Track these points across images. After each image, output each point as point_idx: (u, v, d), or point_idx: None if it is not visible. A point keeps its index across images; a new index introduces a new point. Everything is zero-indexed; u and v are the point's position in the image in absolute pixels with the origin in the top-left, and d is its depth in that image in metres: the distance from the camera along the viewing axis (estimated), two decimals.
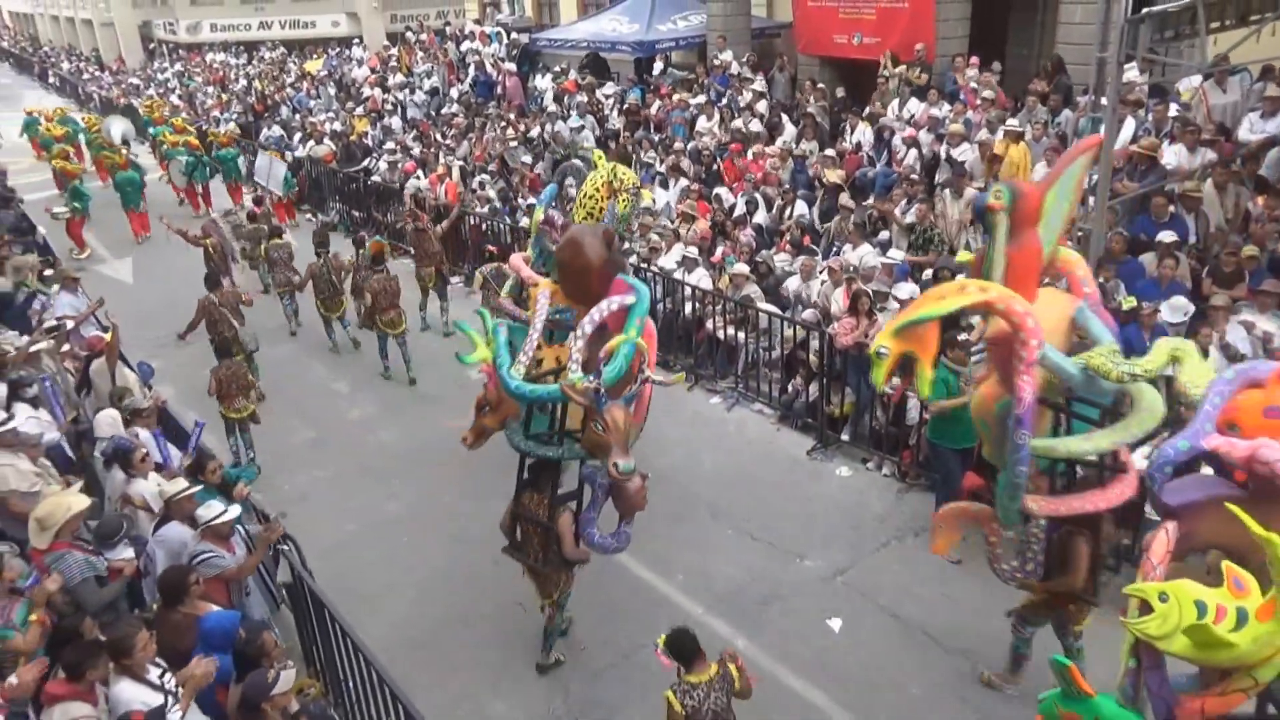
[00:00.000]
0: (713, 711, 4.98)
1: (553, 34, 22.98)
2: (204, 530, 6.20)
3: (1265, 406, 4.37)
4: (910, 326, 5.23)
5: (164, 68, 39.20)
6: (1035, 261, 5.82)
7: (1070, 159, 6.33)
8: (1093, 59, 9.19)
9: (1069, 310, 5.84)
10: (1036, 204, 5.78)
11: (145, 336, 13.09)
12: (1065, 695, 4.17)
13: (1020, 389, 5.09)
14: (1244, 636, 3.64)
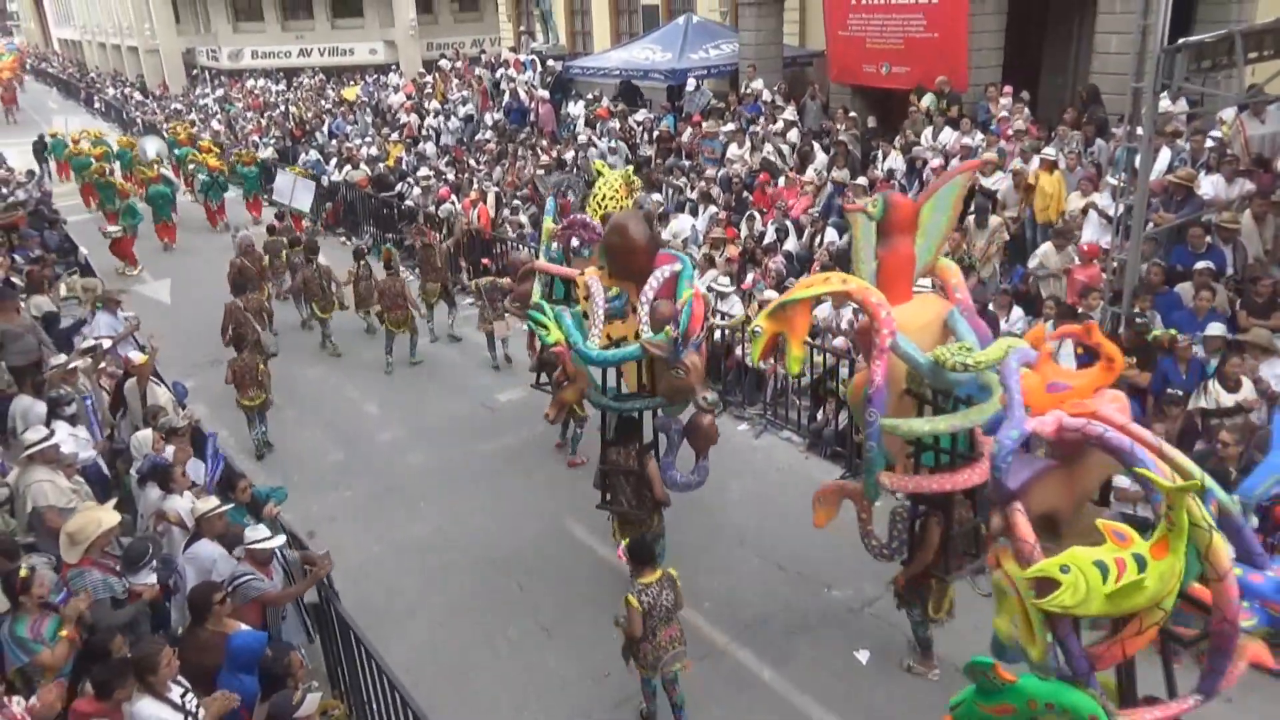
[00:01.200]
0: (664, 607, 6.11)
1: (586, 62, 23.22)
2: (246, 554, 6.25)
3: (1045, 384, 4.89)
4: (782, 309, 5.88)
5: (205, 93, 40.05)
6: (906, 265, 6.41)
7: (949, 176, 7.01)
8: (1128, 89, 9.13)
9: (942, 313, 6.35)
10: (909, 214, 6.35)
11: (182, 356, 13.29)
12: (984, 692, 4.31)
13: (871, 372, 5.67)
14: (1151, 577, 3.93)
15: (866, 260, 6.47)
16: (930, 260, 6.69)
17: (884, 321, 5.64)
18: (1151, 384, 8.31)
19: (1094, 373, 4.99)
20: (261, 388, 10.74)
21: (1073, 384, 4.96)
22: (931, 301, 6.62)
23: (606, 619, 7.58)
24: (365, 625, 6.13)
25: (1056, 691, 4.28)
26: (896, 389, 6.14)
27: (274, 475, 9.88)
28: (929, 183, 12.73)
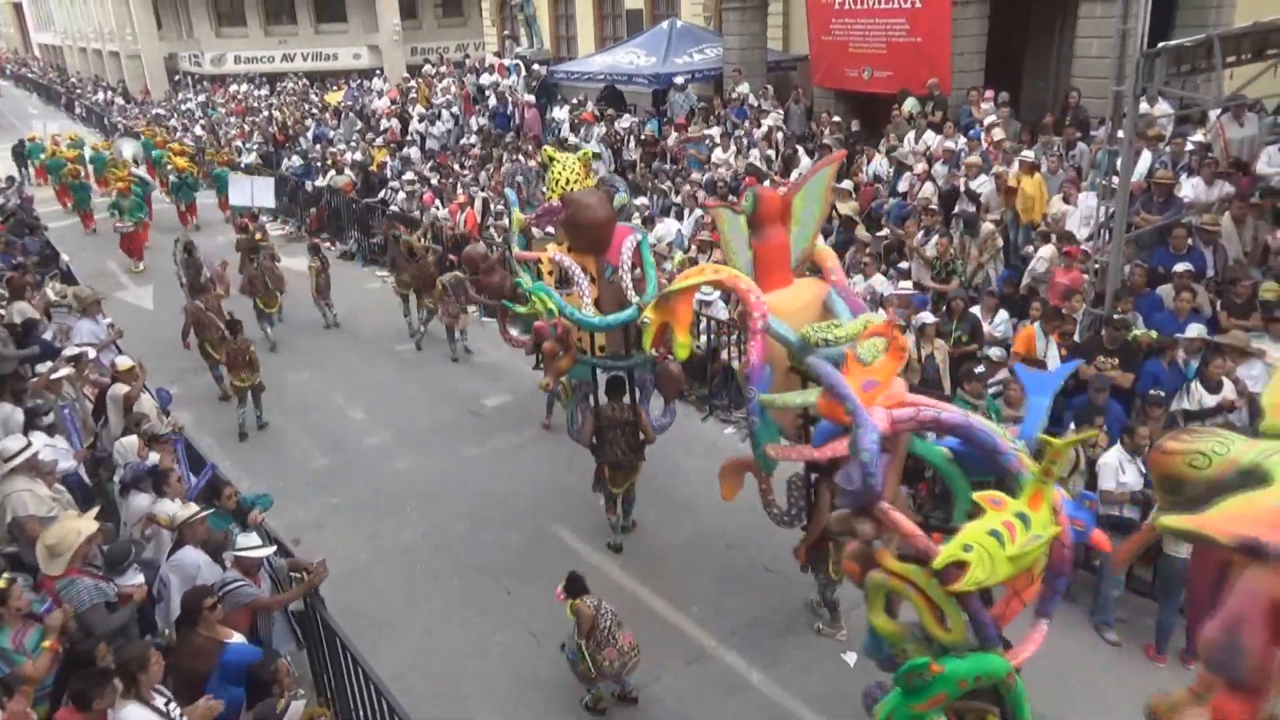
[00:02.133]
0: (610, 612, 6.53)
1: (570, 66, 23.25)
2: (234, 560, 6.23)
3: (861, 383, 5.08)
4: (665, 300, 6.36)
5: (188, 98, 39.82)
6: (782, 253, 6.91)
7: (817, 169, 7.53)
8: (1109, 92, 9.21)
9: (821, 294, 6.85)
10: (778, 206, 6.87)
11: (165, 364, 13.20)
12: (915, 691, 4.47)
13: (748, 352, 6.13)
14: (1038, 527, 4.27)
15: (739, 251, 7.07)
16: (807, 247, 7.19)
17: (754, 305, 6.08)
18: (1137, 385, 8.37)
19: (888, 363, 5.18)
20: (253, 369, 11.29)
21: (879, 380, 5.09)
22: (810, 285, 7.02)
23: None
24: (352, 632, 6.10)
25: (977, 663, 4.55)
26: (782, 367, 6.51)
27: (260, 481, 9.82)
28: (913, 187, 12.81)
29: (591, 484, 8.65)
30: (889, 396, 5.03)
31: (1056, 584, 4.78)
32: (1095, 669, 7.08)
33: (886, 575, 4.66)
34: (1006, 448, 4.68)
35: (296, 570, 6.60)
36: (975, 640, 4.64)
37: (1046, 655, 7.13)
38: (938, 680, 4.42)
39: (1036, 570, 4.49)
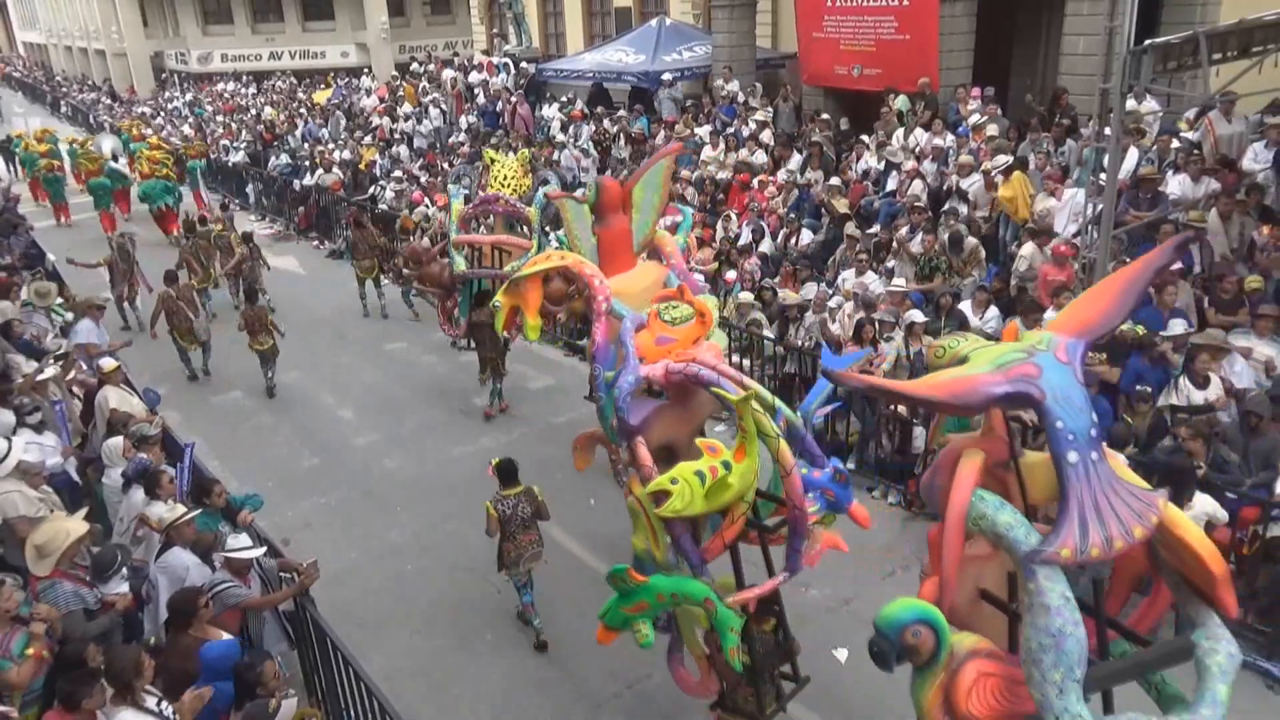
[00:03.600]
0: (520, 518, 7.17)
1: (559, 64, 23.21)
2: (224, 561, 6.20)
3: (655, 338, 5.77)
4: (515, 285, 6.74)
5: (175, 96, 39.62)
6: (624, 239, 7.37)
7: (655, 159, 7.96)
8: (1096, 89, 9.25)
9: (661, 277, 7.26)
10: (619, 195, 7.34)
11: (153, 364, 13.15)
12: (624, 595, 5.24)
13: (593, 333, 6.42)
14: (734, 476, 4.98)
15: (583, 238, 7.50)
16: (649, 233, 7.64)
17: (598, 289, 6.47)
18: (1122, 380, 8.41)
19: (691, 328, 5.82)
20: (269, 333, 12.18)
21: (676, 338, 5.74)
22: (651, 268, 7.46)
23: (585, 621, 7.60)
24: (342, 632, 6.08)
25: (677, 584, 5.32)
26: None
27: (249, 482, 9.78)
28: (901, 185, 12.85)
29: None
30: (680, 354, 5.62)
31: (794, 543, 5.42)
32: None
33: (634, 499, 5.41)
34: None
35: (287, 570, 6.58)
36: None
37: None
38: (641, 589, 5.19)
39: (736, 515, 5.22)
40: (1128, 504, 3.83)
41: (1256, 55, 8.81)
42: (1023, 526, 3.96)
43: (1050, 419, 3.85)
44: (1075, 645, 3.72)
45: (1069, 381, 3.93)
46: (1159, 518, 3.86)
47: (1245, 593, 7.26)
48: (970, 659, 4.11)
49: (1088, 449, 3.84)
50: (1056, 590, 3.76)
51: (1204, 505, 6.69)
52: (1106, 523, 3.77)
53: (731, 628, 5.31)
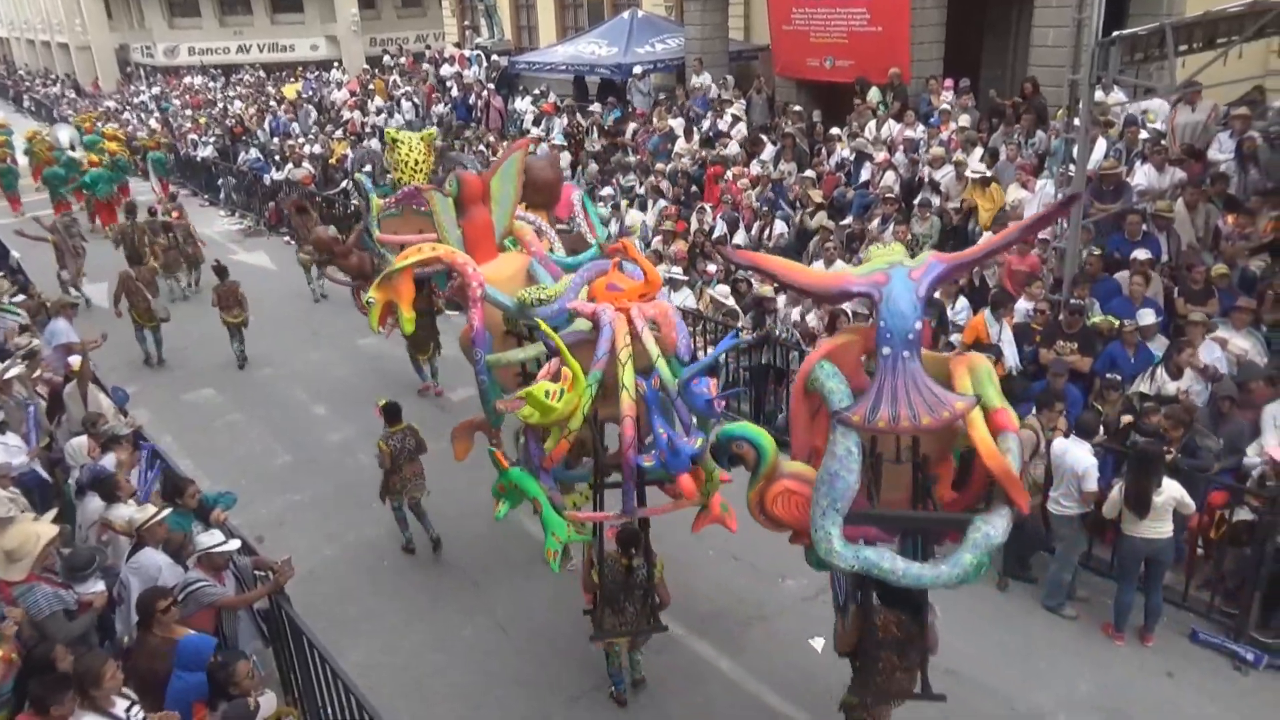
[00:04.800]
0: (406, 450, 8.26)
1: (532, 57, 23.11)
2: (199, 559, 6.13)
3: (605, 284, 6.29)
4: (388, 279, 6.93)
5: (141, 90, 39.04)
6: (487, 230, 7.69)
7: (509, 153, 8.27)
8: (1065, 81, 9.33)
9: (525, 264, 7.58)
10: (479, 189, 7.62)
11: (122, 361, 12.98)
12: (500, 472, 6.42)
13: (470, 319, 6.82)
14: (560, 402, 5.75)
15: (450, 229, 7.74)
16: (508, 223, 7.95)
17: (472, 276, 6.76)
18: (1096, 368, 8.51)
19: (638, 285, 6.34)
20: (241, 307, 12.79)
21: (623, 288, 6.31)
22: (514, 257, 7.75)
23: (563, 615, 7.65)
24: (319, 629, 6.04)
25: (521, 478, 6.29)
26: (499, 331, 7.24)
27: (220, 480, 9.68)
28: (874, 177, 12.92)
29: None
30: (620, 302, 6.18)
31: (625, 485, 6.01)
32: (1056, 647, 7.21)
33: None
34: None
35: (261, 568, 6.52)
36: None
37: (1012, 633, 7.34)
38: (504, 472, 6.38)
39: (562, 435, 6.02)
40: (924, 398, 4.63)
41: (1221, 46, 8.93)
42: (839, 393, 4.86)
43: (879, 318, 4.75)
44: (843, 486, 4.76)
45: (906, 293, 4.70)
46: (951, 415, 4.62)
47: (1213, 576, 7.41)
48: (785, 478, 5.20)
49: (901, 348, 4.67)
50: (844, 444, 4.76)
51: (1172, 491, 6.78)
52: (898, 406, 4.62)
53: (553, 533, 6.19)
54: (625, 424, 5.76)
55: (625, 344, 5.86)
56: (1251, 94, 11.13)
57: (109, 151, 22.12)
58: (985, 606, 7.66)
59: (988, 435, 4.70)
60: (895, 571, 4.76)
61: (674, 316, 6.26)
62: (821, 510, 4.83)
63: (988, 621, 7.45)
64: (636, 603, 6.39)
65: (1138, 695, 6.71)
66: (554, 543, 6.20)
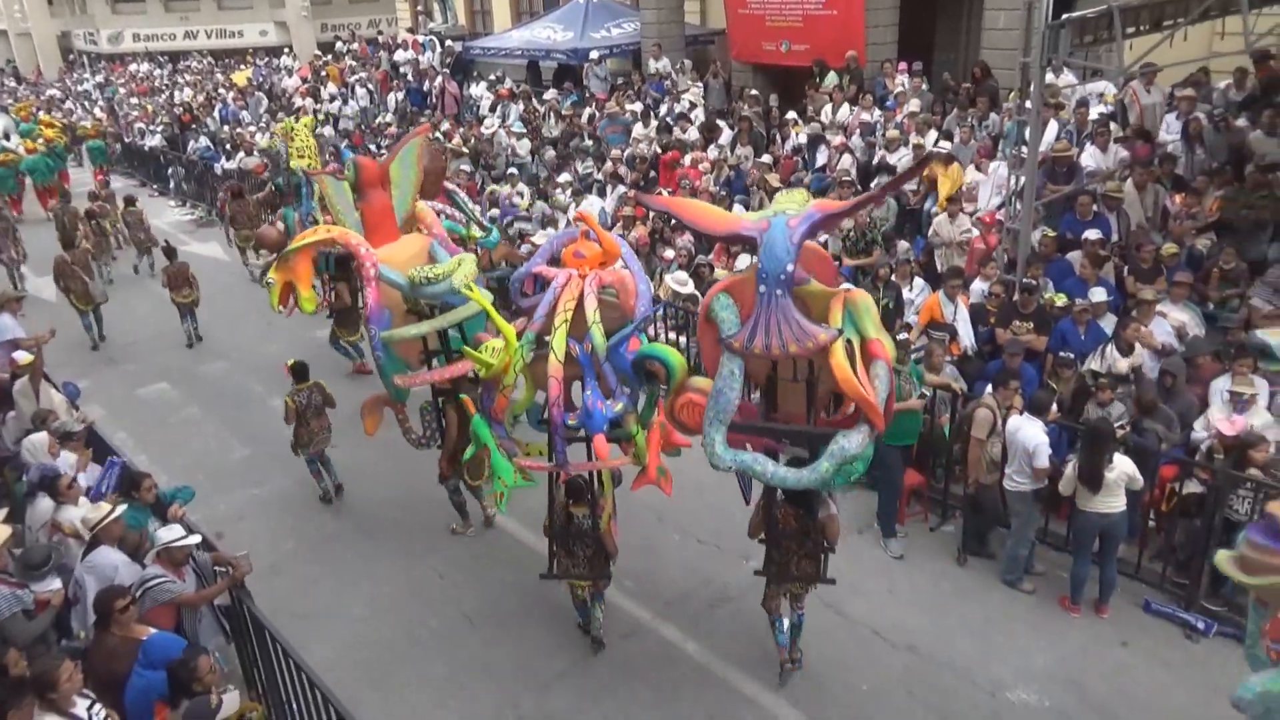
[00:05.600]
0: (313, 406, 8.95)
1: (486, 42, 22.89)
2: (159, 554, 6.03)
3: (573, 252, 6.62)
4: (286, 260, 7.26)
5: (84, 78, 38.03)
6: (386, 213, 7.92)
7: (407, 140, 8.53)
8: (1016, 63, 9.45)
9: (426, 246, 7.84)
10: (376, 173, 7.86)
11: (72, 356, 12.70)
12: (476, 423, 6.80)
13: (365, 297, 7.18)
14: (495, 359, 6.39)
15: (346, 212, 8.02)
16: (410, 207, 8.21)
17: (365, 257, 7.09)
18: (1050, 346, 8.66)
19: (598, 253, 6.66)
20: (191, 288, 13.12)
21: (586, 255, 6.65)
22: (415, 239, 7.98)
23: (529, 605, 7.67)
24: (282, 624, 5.99)
25: (479, 427, 6.74)
26: (400, 310, 7.49)
27: (178, 475, 9.53)
28: (831, 161, 12.99)
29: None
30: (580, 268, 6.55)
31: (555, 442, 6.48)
32: (1014, 620, 7.36)
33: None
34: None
35: (220, 564, 6.43)
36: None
37: (971, 608, 7.48)
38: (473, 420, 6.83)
39: (504, 387, 6.50)
40: (792, 330, 5.32)
41: (1168, 29, 9.09)
42: (728, 322, 5.53)
43: (759, 258, 5.38)
44: (725, 401, 5.55)
45: (782, 239, 5.30)
46: (815, 345, 5.29)
47: (1165, 548, 7.60)
48: (691, 391, 6.03)
49: (774, 286, 5.31)
50: (729, 366, 5.54)
51: (1124, 466, 6.94)
52: (770, 336, 5.36)
53: (500, 477, 6.63)
54: (550, 384, 6.17)
55: (565, 311, 6.24)
56: (1196, 75, 11.37)
57: (46, 139, 21.74)
58: (944, 582, 7.80)
59: (844, 363, 5.25)
60: (766, 473, 5.61)
61: (633, 284, 6.51)
62: (709, 420, 5.62)
63: (947, 596, 7.59)
64: (587, 549, 6.80)
65: (1094, 665, 6.88)
66: (500, 485, 6.66)
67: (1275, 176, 9.45)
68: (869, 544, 8.35)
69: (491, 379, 6.56)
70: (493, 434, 6.70)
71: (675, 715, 6.63)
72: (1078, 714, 6.45)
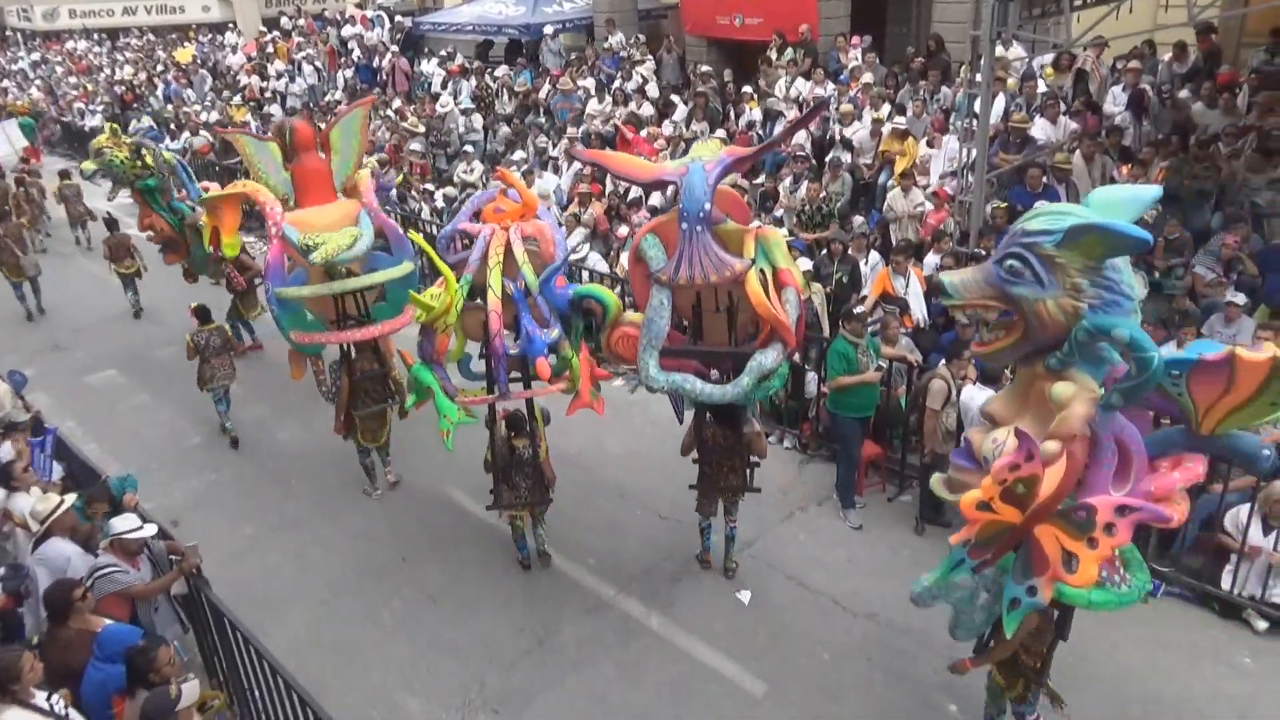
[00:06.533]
0: (213, 346, 9.75)
1: (437, 17, 22.53)
2: (112, 543, 5.92)
3: (493, 209, 7.29)
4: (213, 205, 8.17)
5: (19, 56, 36.77)
6: (319, 176, 8.21)
7: (351, 109, 8.96)
8: (967, 36, 9.52)
9: (354, 212, 7.96)
10: (310, 137, 8.23)
11: (18, 343, 12.38)
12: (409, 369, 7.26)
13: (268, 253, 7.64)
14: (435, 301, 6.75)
15: (269, 171, 8.35)
16: (350, 174, 8.51)
17: (270, 214, 7.55)
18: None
19: (517, 207, 7.29)
20: (134, 257, 13.20)
21: (506, 209, 7.29)
22: (346, 204, 8.21)
23: (494, 582, 7.69)
24: (242, 611, 5.91)
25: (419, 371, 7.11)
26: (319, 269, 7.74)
27: (130, 464, 9.34)
28: None
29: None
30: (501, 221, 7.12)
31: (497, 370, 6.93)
32: None
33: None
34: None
35: (175, 553, 6.34)
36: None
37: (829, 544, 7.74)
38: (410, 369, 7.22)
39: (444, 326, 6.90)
40: (711, 261, 6.02)
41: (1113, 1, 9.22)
42: (656, 260, 6.21)
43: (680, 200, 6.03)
44: (656, 329, 6.20)
45: (700, 182, 5.99)
46: (731, 275, 6.02)
47: None
48: (625, 325, 6.67)
49: (694, 223, 5.98)
50: (658, 297, 6.19)
51: None
52: (692, 268, 6.04)
53: (445, 414, 7.02)
54: (491, 318, 6.75)
55: (497, 255, 6.85)
56: (1140, 48, 11.55)
57: None
58: (903, 551, 7.93)
59: (758, 289, 6.00)
60: (695, 390, 6.26)
61: (550, 233, 7.25)
62: (643, 346, 6.27)
63: (905, 564, 7.71)
64: (528, 479, 7.43)
65: None
66: (446, 423, 7.03)
67: (1216, 148, 9.66)
68: (828, 515, 8.46)
69: (430, 323, 6.92)
70: (435, 376, 7.11)
71: (640, 689, 6.69)
72: None
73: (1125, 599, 4.79)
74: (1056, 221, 4.26)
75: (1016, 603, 4.78)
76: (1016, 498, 4.48)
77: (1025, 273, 4.38)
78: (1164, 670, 6.63)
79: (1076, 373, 4.48)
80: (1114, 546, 4.57)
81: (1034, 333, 4.51)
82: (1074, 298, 4.32)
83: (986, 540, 4.70)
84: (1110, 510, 4.49)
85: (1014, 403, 4.92)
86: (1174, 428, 4.70)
